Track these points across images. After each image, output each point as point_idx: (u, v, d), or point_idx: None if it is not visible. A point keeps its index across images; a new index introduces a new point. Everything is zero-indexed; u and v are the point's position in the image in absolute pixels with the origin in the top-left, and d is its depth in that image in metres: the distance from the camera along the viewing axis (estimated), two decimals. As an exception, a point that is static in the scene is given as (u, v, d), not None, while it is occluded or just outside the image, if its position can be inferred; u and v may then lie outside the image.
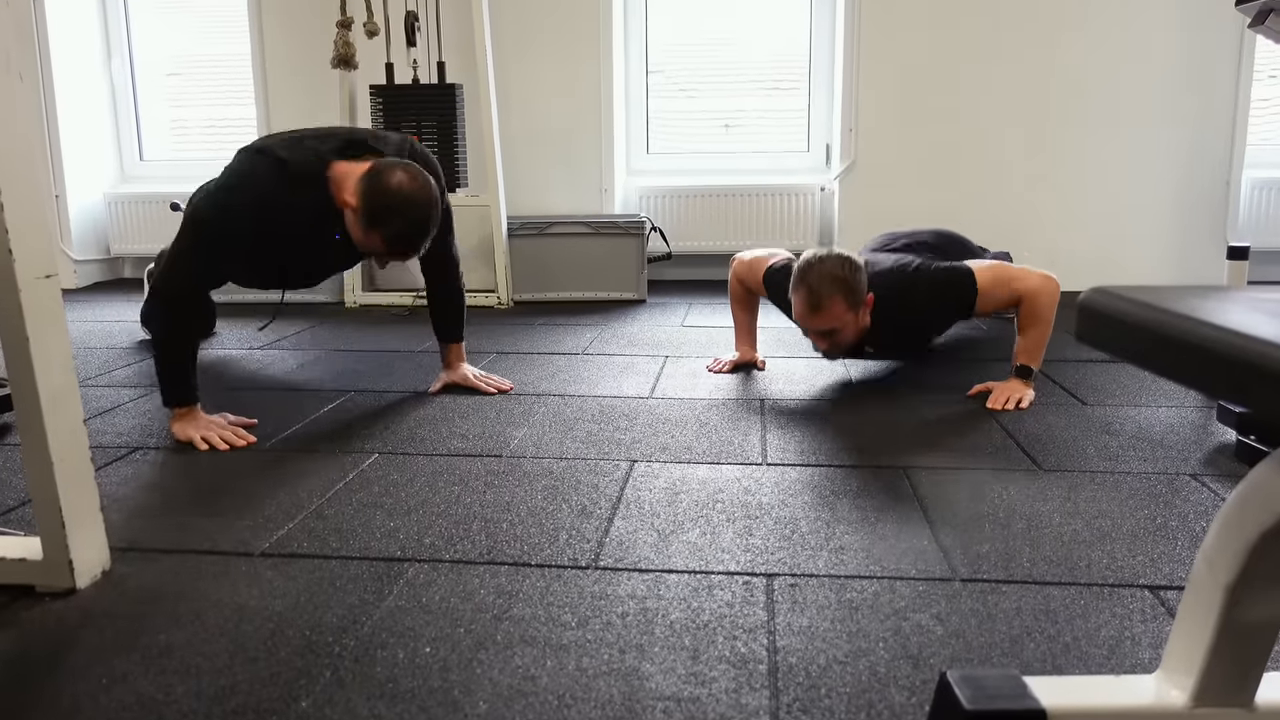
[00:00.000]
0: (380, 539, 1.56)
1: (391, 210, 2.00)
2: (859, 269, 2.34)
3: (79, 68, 4.54)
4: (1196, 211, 4.00)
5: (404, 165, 2.05)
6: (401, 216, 2.02)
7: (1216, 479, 1.81)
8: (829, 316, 2.33)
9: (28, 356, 1.32)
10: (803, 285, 2.33)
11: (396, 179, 2.00)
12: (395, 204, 2.00)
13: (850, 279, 2.32)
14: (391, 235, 2.04)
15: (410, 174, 2.03)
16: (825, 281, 2.30)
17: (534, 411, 2.31)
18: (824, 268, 2.31)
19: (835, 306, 2.32)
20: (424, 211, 2.03)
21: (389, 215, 2.00)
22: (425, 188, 2.03)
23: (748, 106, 4.50)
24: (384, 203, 2.00)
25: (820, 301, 2.31)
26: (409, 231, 2.04)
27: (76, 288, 4.54)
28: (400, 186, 2.00)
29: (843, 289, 2.31)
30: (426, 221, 2.05)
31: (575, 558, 1.48)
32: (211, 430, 2.07)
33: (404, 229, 2.03)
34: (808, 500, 1.71)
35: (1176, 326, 0.78)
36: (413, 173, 2.04)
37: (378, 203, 2.00)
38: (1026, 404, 2.31)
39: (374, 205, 2.00)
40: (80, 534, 1.40)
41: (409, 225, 2.03)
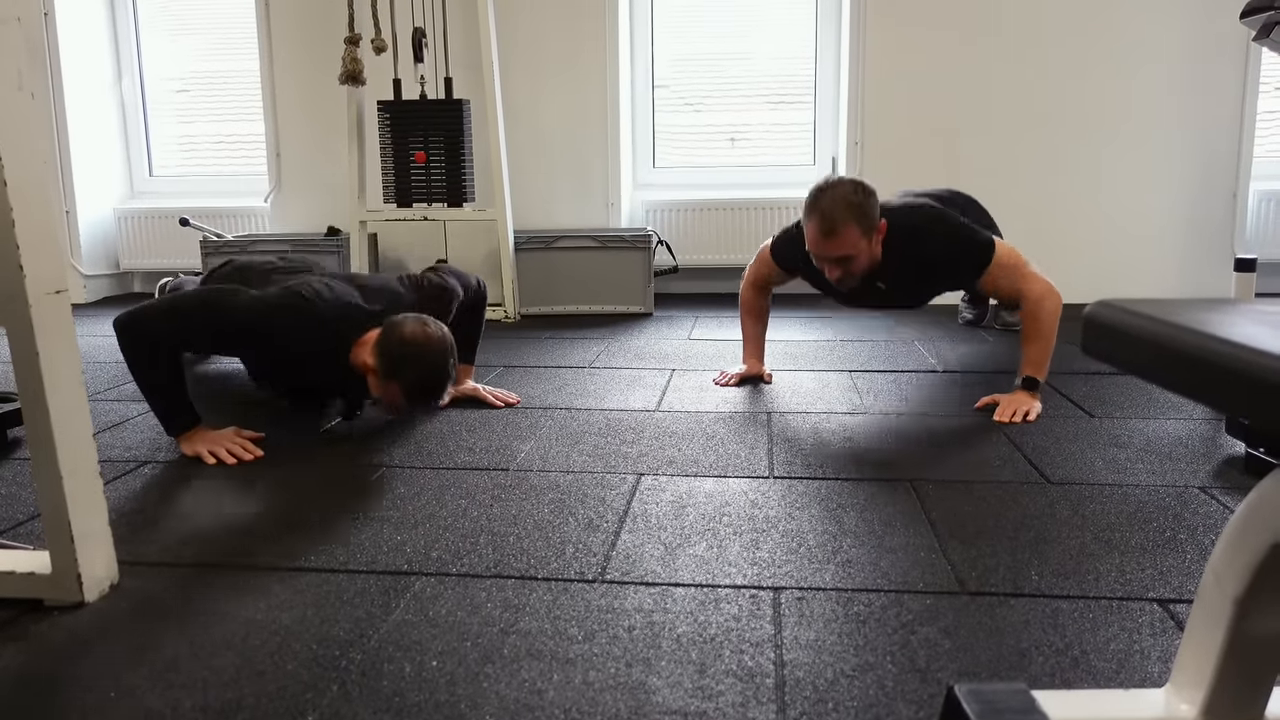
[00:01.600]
0: (387, 552, 1.56)
1: (406, 362, 2.05)
2: (872, 194, 2.34)
3: (90, 85, 4.57)
4: (1203, 224, 4.00)
5: (414, 317, 2.11)
6: (416, 366, 2.06)
7: (1226, 492, 1.80)
8: (842, 242, 2.32)
9: (38, 371, 1.33)
10: (815, 211, 2.32)
11: (409, 330, 2.06)
12: (409, 356, 2.04)
13: (864, 204, 2.31)
14: (408, 385, 2.08)
15: (421, 325, 2.08)
16: (839, 207, 2.29)
17: (541, 425, 2.31)
18: (837, 193, 2.30)
19: (849, 232, 2.30)
20: (438, 360, 2.08)
21: (405, 367, 2.05)
22: (438, 338, 2.08)
23: (753, 120, 4.51)
24: (399, 355, 2.04)
25: (834, 227, 2.30)
26: (425, 379, 2.08)
27: (86, 302, 4.56)
28: (414, 337, 2.05)
29: (856, 214, 2.30)
30: (443, 369, 2.09)
31: (582, 571, 1.48)
32: (220, 445, 2.08)
33: (420, 377, 2.07)
34: (814, 513, 1.71)
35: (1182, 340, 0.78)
36: (423, 324, 2.09)
37: (393, 357, 2.05)
38: (1034, 416, 2.31)
39: (390, 360, 2.05)
40: (89, 548, 1.40)
41: (424, 373, 2.07)
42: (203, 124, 4.83)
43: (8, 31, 1.29)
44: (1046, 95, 3.97)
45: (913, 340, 3.31)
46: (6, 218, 1.29)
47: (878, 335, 3.41)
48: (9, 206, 1.29)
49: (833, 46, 4.34)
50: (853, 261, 2.37)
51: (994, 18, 3.95)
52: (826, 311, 3.93)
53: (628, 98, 4.40)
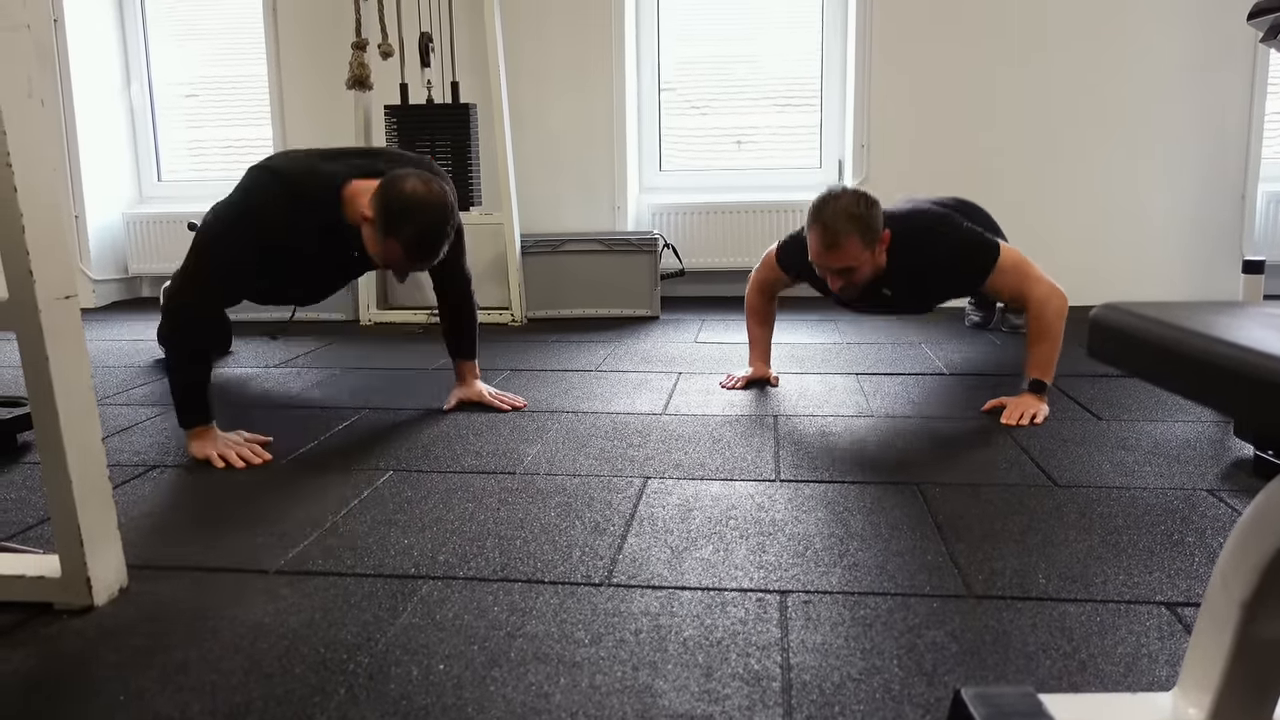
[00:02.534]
0: (395, 556, 1.57)
1: (407, 215, 2.00)
2: (874, 205, 2.34)
3: (99, 91, 4.60)
4: (1211, 226, 3.99)
5: (416, 173, 2.06)
6: (417, 221, 2.01)
7: (1234, 494, 1.80)
8: (845, 254, 2.32)
9: (48, 376, 1.34)
10: (818, 223, 2.33)
11: (410, 185, 2.01)
12: (411, 209, 2.00)
13: (866, 216, 2.31)
14: (408, 240, 2.03)
15: (423, 180, 2.03)
16: (841, 219, 2.29)
17: (547, 428, 2.31)
18: (839, 205, 2.31)
19: (851, 244, 2.31)
20: (440, 214, 2.03)
21: (405, 220, 2.00)
22: (440, 193, 2.04)
23: (759, 124, 4.51)
24: (399, 208, 2.00)
25: (836, 239, 2.31)
26: (426, 235, 2.04)
27: (95, 307, 4.58)
28: (414, 191, 2.01)
29: (858, 226, 2.30)
30: (444, 224, 2.04)
31: (589, 574, 1.48)
32: (228, 448, 2.09)
33: (421, 233, 2.03)
34: (821, 516, 1.71)
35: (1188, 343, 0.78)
36: (426, 179, 2.04)
37: (393, 209, 2.00)
38: (1041, 419, 2.30)
39: (389, 212, 2.00)
40: (98, 552, 1.41)
41: (426, 229, 2.03)
42: (211, 129, 4.85)
43: (18, 39, 1.30)
44: (1053, 97, 3.97)
45: (919, 343, 3.31)
46: (17, 223, 1.29)
47: (884, 338, 3.40)
48: (19, 212, 1.29)
49: (839, 49, 4.34)
50: (855, 272, 2.37)
51: (1000, 21, 3.95)
52: (832, 315, 3.93)
53: (634, 101, 4.41)
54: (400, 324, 3.92)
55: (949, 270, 2.48)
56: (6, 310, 1.33)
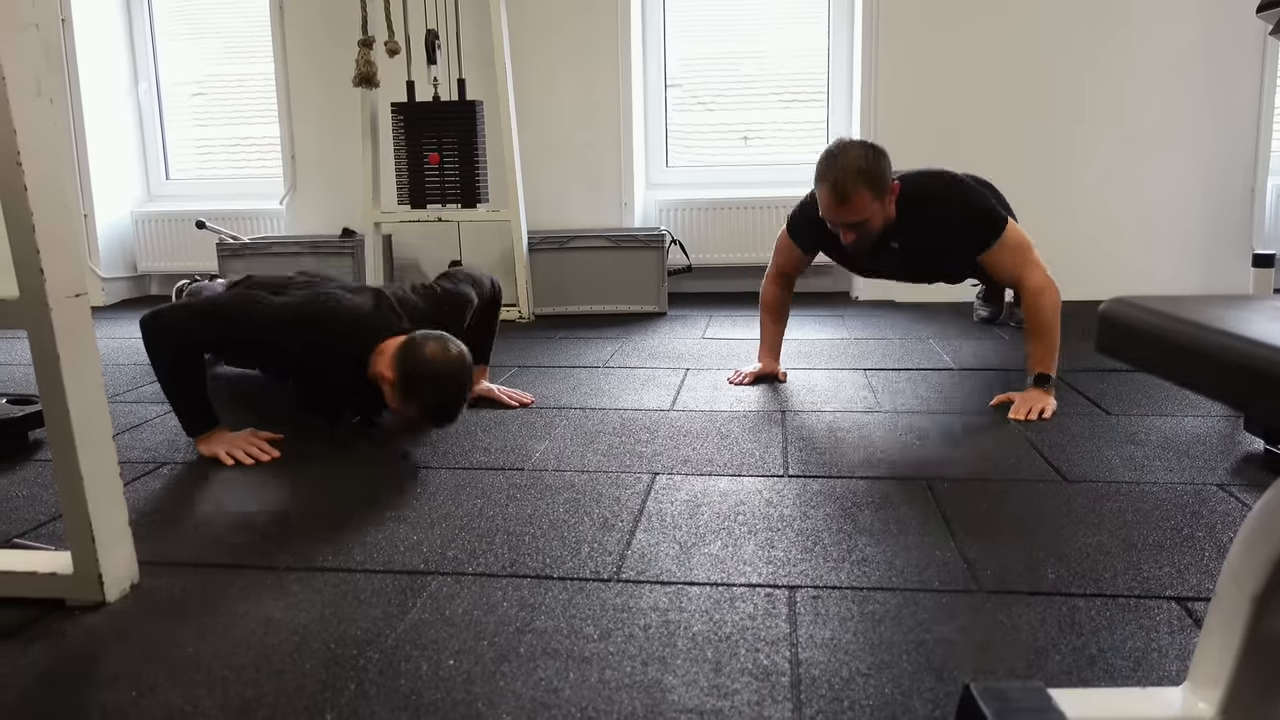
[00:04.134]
0: (404, 552, 1.57)
1: (426, 383, 2.05)
2: (882, 155, 2.34)
3: (107, 90, 4.61)
4: (1221, 219, 3.97)
5: (435, 337, 2.11)
6: (436, 389, 2.07)
7: (1245, 489, 1.79)
8: (856, 208, 2.33)
9: (59, 374, 1.34)
10: (827, 179, 2.33)
11: (430, 351, 2.06)
12: (428, 377, 2.05)
13: (875, 167, 2.30)
14: (426, 408, 2.09)
15: (442, 346, 2.08)
16: (850, 174, 2.29)
17: (555, 424, 2.32)
18: (848, 159, 2.30)
19: (861, 198, 2.31)
20: (457, 382, 2.09)
21: (424, 388, 2.06)
22: (458, 359, 2.08)
23: (766, 119, 4.51)
24: (418, 376, 2.05)
25: (846, 194, 2.31)
26: (443, 402, 2.09)
27: (105, 305, 4.60)
28: (434, 358, 2.05)
29: (867, 180, 2.29)
30: (460, 392, 2.10)
31: (597, 570, 1.49)
32: (237, 445, 2.09)
33: (438, 400, 2.08)
34: (830, 512, 1.71)
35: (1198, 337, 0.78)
36: (444, 344, 2.09)
37: (412, 376, 2.05)
38: (1049, 414, 2.30)
39: (409, 380, 2.05)
40: (109, 549, 1.42)
41: (443, 398, 2.08)
42: (218, 127, 4.87)
43: (26, 38, 1.30)
44: (1061, 92, 3.95)
45: (927, 338, 3.30)
46: (27, 222, 1.30)
47: (892, 334, 3.40)
48: (29, 211, 1.30)
49: (845, 44, 4.33)
50: (867, 224, 2.37)
51: (1006, 16, 3.93)
52: (841, 310, 3.93)
53: (640, 97, 4.41)
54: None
55: (955, 229, 2.46)
56: (18, 308, 1.34)
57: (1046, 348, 2.36)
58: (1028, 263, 2.39)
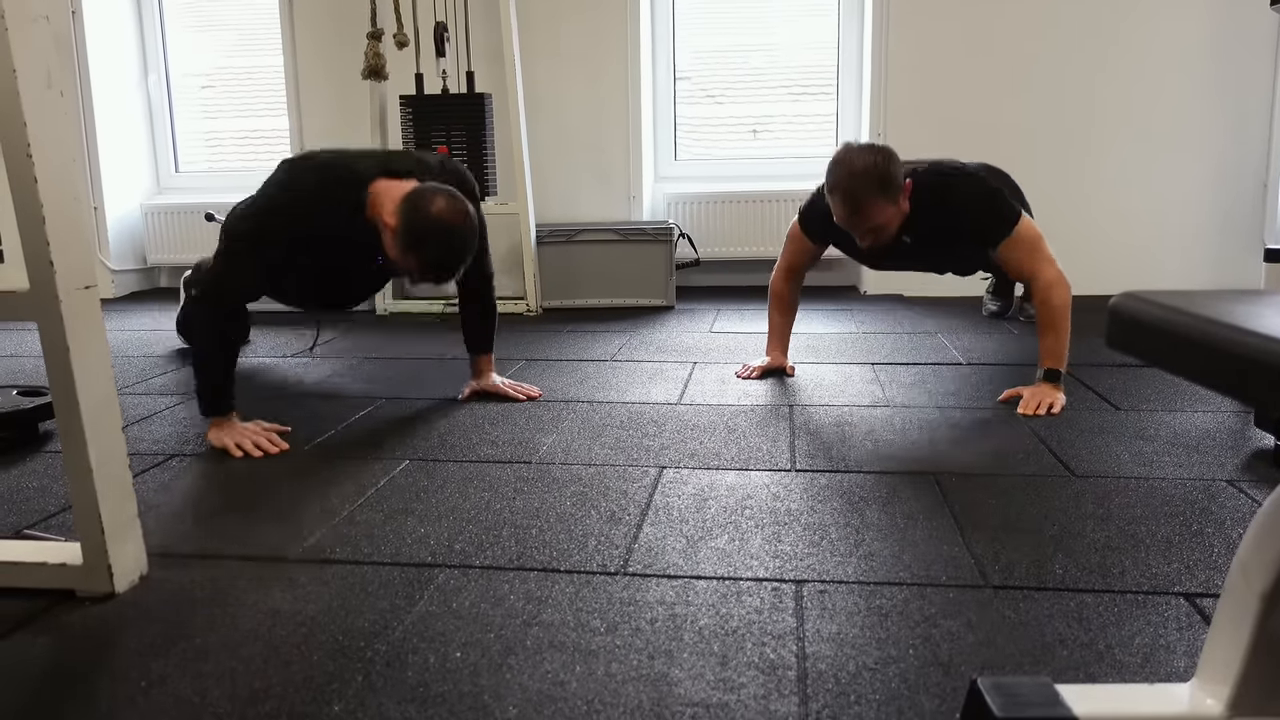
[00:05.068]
0: (411, 545, 1.57)
1: (430, 235, 2.01)
2: (892, 158, 2.32)
3: (116, 82, 4.62)
4: (1233, 214, 3.95)
5: (445, 191, 2.05)
6: (439, 242, 2.03)
7: (1255, 485, 1.78)
8: (870, 215, 2.33)
9: (68, 366, 1.35)
10: (838, 191, 2.32)
11: (437, 205, 2.01)
12: (434, 229, 2.01)
13: (885, 172, 2.29)
14: (428, 260, 2.05)
15: (451, 200, 2.03)
16: (860, 182, 2.28)
17: (563, 418, 2.32)
18: (856, 168, 2.29)
19: (874, 205, 2.31)
20: (462, 239, 2.04)
21: (427, 240, 2.01)
22: (465, 214, 2.04)
23: (775, 112, 4.49)
24: (423, 227, 2.00)
25: (859, 203, 2.30)
26: (445, 258, 2.06)
27: (114, 297, 4.62)
28: (440, 212, 2.00)
29: (879, 185, 2.29)
30: (464, 249, 2.06)
31: (604, 564, 1.49)
32: (245, 437, 2.10)
33: (441, 255, 2.05)
34: (837, 506, 1.71)
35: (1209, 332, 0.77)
36: (453, 199, 2.04)
37: (417, 226, 2.00)
38: (1058, 409, 2.29)
39: (413, 229, 2.01)
40: (119, 540, 1.42)
41: (446, 251, 2.04)
42: (228, 120, 4.87)
43: (37, 30, 1.31)
44: (1073, 85, 3.93)
45: (936, 333, 3.29)
46: (37, 214, 1.31)
47: (900, 328, 3.39)
48: (39, 203, 1.30)
49: (855, 37, 4.31)
50: (883, 228, 2.38)
51: (1018, 8, 3.91)
52: (849, 304, 3.92)
53: (649, 90, 4.40)
54: (417, 314, 3.93)
55: (968, 221, 2.45)
56: (28, 300, 1.34)
57: (1057, 343, 2.35)
58: (1040, 258, 2.38)
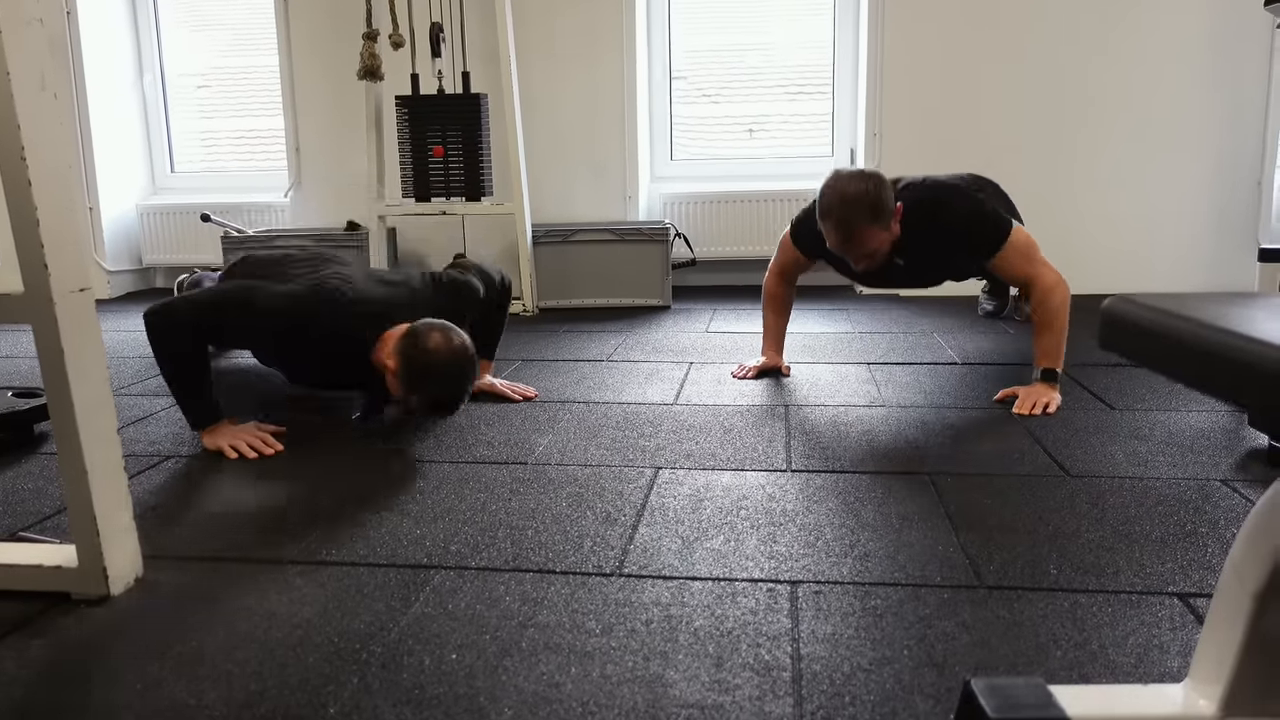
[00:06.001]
0: (407, 546, 1.57)
1: (429, 375, 2.06)
2: (881, 183, 2.33)
3: (111, 82, 4.62)
4: (1227, 213, 3.95)
5: (439, 328, 2.10)
6: (439, 381, 2.08)
7: (1248, 485, 1.79)
8: (862, 242, 2.34)
9: (63, 368, 1.35)
10: (830, 218, 2.34)
11: (434, 342, 2.06)
12: (431, 369, 2.05)
13: (875, 200, 2.30)
14: (428, 400, 2.11)
15: (445, 336, 2.08)
16: (851, 210, 2.30)
17: (559, 418, 2.32)
18: (847, 196, 2.30)
19: (866, 232, 2.32)
20: (460, 374, 2.09)
21: (427, 380, 2.07)
22: (460, 351, 2.08)
23: (771, 112, 4.50)
24: (421, 367, 2.05)
25: (851, 231, 2.32)
26: (446, 396, 2.11)
27: (110, 297, 4.61)
28: (437, 350, 2.05)
29: (870, 213, 2.30)
30: (463, 383, 2.11)
31: (600, 565, 1.49)
32: (240, 439, 2.10)
33: (442, 393, 2.10)
34: (832, 506, 1.71)
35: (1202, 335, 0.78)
36: (447, 335, 2.09)
37: (415, 368, 2.05)
38: (1053, 409, 2.30)
39: (411, 371, 2.06)
40: (114, 543, 1.42)
41: (446, 389, 2.10)
42: (223, 120, 4.87)
43: (30, 33, 1.30)
44: (1068, 84, 3.93)
45: (931, 332, 3.29)
46: (31, 217, 1.30)
47: (896, 328, 3.39)
48: (33, 206, 1.30)
49: (850, 36, 4.31)
50: (875, 253, 2.39)
51: (1014, 7, 3.91)
52: (844, 304, 3.92)
53: (645, 89, 4.40)
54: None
55: (960, 240, 2.47)
56: (22, 303, 1.34)
57: (1054, 343, 2.36)
58: (1035, 263, 2.39)
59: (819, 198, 2.36)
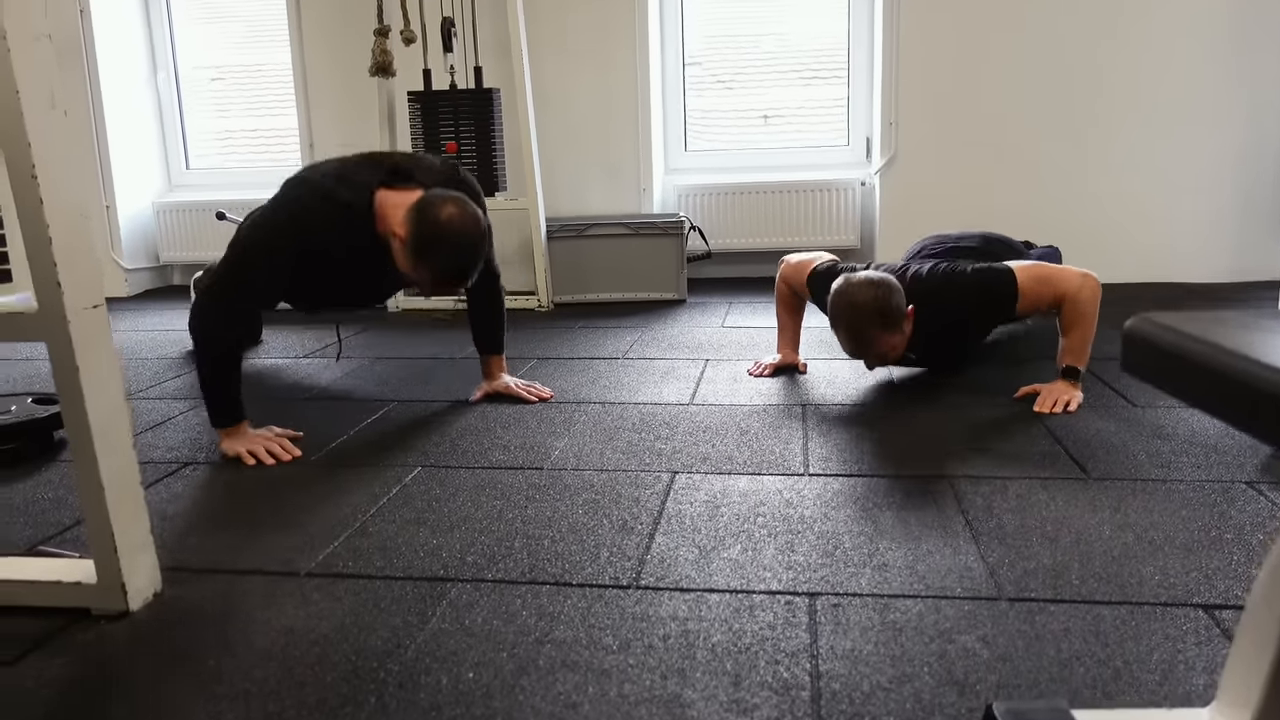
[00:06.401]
0: (424, 557, 1.57)
1: (441, 243, 2.01)
2: (893, 290, 2.31)
3: (126, 79, 4.63)
4: (1253, 201, 3.89)
5: (453, 198, 2.05)
6: (450, 250, 2.02)
7: (1275, 487, 1.76)
8: (875, 348, 2.35)
9: (78, 384, 1.35)
10: (840, 325, 2.35)
11: (446, 212, 2.00)
12: (444, 237, 2.00)
13: (885, 304, 2.29)
14: (440, 268, 2.05)
15: (459, 206, 2.02)
16: (862, 318, 2.30)
17: (575, 420, 2.31)
18: (858, 305, 2.29)
19: (878, 339, 2.33)
20: (473, 245, 2.04)
21: (438, 248, 2.01)
22: (474, 220, 2.03)
23: (786, 98, 4.45)
24: (433, 235, 2.00)
25: (861, 339, 2.33)
26: (458, 264, 2.05)
27: (128, 295, 4.64)
28: (450, 220, 2.00)
29: (879, 321, 2.30)
30: (475, 255, 2.05)
31: (617, 576, 1.48)
32: (258, 445, 2.10)
33: (453, 262, 2.05)
34: (850, 514, 1.70)
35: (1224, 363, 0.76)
36: (461, 205, 2.03)
37: (427, 235, 2.00)
38: (1075, 407, 2.27)
39: (423, 238, 2.00)
40: (132, 559, 1.43)
41: (458, 258, 2.04)
42: (237, 117, 4.87)
43: (39, 49, 1.30)
44: (1089, 70, 3.87)
45: (950, 325, 3.26)
46: (44, 235, 1.30)
47: (914, 320, 3.36)
48: (46, 224, 1.30)
49: (866, 20, 4.26)
50: (888, 355, 2.40)
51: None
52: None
53: (659, 80, 4.37)
54: (428, 311, 3.93)
55: (975, 316, 2.52)
56: (37, 321, 1.34)
57: (1081, 340, 2.33)
58: (1052, 282, 2.35)
59: (830, 304, 2.36)
